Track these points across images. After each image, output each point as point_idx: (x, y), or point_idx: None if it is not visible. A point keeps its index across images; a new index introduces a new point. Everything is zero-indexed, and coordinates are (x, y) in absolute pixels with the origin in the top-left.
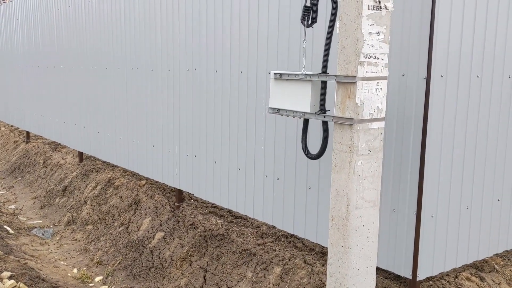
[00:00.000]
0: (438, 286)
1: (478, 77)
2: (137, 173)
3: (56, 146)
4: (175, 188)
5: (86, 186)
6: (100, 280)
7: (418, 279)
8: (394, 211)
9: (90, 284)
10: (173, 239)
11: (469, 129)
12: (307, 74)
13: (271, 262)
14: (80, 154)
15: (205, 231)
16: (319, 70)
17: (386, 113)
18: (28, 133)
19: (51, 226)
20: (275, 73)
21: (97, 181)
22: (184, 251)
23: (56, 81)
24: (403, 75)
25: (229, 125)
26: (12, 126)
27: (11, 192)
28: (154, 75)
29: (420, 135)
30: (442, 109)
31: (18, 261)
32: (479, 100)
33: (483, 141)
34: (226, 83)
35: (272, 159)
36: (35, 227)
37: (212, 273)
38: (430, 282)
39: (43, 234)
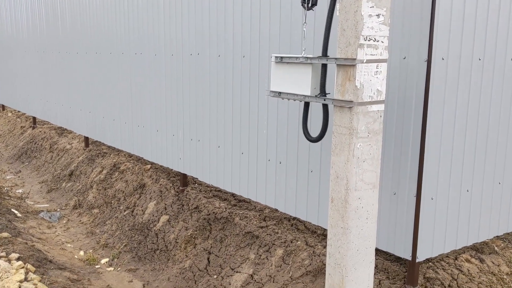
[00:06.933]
0: (437, 268)
1: (480, 59)
2: (142, 158)
3: (62, 131)
4: (179, 172)
5: (92, 171)
6: (106, 262)
7: (417, 260)
8: (394, 194)
9: (96, 266)
10: (178, 222)
11: (470, 112)
12: (307, 57)
13: (273, 244)
14: (86, 139)
15: (209, 214)
16: (320, 53)
17: (387, 96)
18: (34, 118)
19: (58, 209)
20: (276, 57)
21: (102, 166)
22: (189, 233)
23: (61, 66)
24: (404, 58)
25: (232, 109)
26: (19, 111)
27: (19, 176)
28: (158, 59)
29: (421, 117)
30: (443, 92)
31: (26, 243)
32: (481, 82)
33: (484, 124)
34: (229, 67)
35: (274, 143)
36: (42, 210)
37: (216, 255)
38: (430, 263)
39: (50, 218)
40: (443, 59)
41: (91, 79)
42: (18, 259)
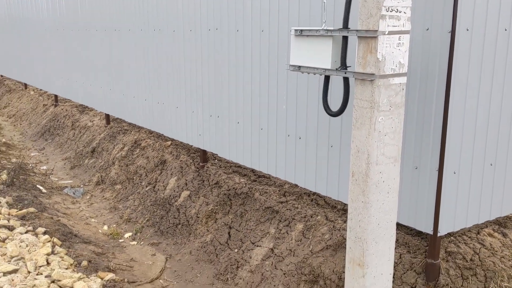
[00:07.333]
0: (459, 242)
1: (505, 30)
2: (162, 134)
3: (83, 109)
4: (199, 148)
5: (114, 147)
6: (129, 236)
7: (439, 234)
8: (416, 168)
9: (120, 240)
10: (198, 197)
11: (495, 84)
12: (328, 30)
13: (293, 219)
14: (107, 117)
15: (229, 189)
16: (341, 25)
17: (409, 68)
18: (56, 96)
19: (82, 185)
20: (295, 30)
21: (124, 143)
22: (209, 208)
23: (81, 44)
24: (427, 29)
25: (251, 84)
26: (41, 90)
27: (43, 153)
28: (176, 36)
29: (444, 90)
30: (467, 64)
31: (52, 218)
32: (506, 54)
33: (509, 97)
34: (248, 42)
35: (294, 118)
36: (66, 186)
37: (236, 230)
38: (451, 237)
39: (74, 193)
40: (467, 30)
41: (111, 56)
42: (44, 233)
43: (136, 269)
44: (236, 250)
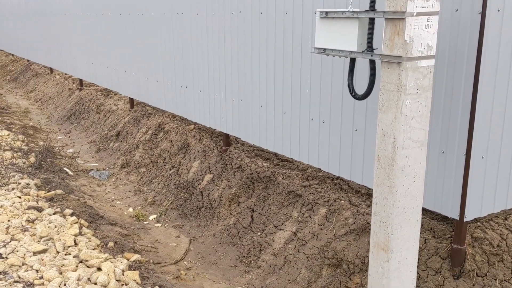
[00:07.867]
0: (486, 227)
1: None
2: (186, 118)
3: (108, 93)
4: (222, 132)
5: (138, 131)
6: (154, 219)
7: (465, 220)
8: (443, 152)
9: (145, 222)
10: (221, 181)
11: None
12: (354, 11)
13: (316, 203)
14: (131, 100)
15: (252, 173)
16: (367, 7)
17: (437, 51)
18: (81, 80)
19: (107, 168)
20: (321, 12)
21: (148, 126)
22: (232, 192)
23: (105, 28)
24: (456, 10)
25: (274, 68)
26: (66, 74)
27: (69, 136)
28: (199, 19)
29: (473, 73)
30: (497, 46)
31: (78, 200)
32: None
33: None
34: (271, 25)
35: (317, 102)
36: (92, 169)
37: (259, 213)
38: (478, 223)
39: (99, 176)
40: (498, 10)
41: (134, 40)
42: (72, 214)
43: (160, 250)
44: (259, 233)
